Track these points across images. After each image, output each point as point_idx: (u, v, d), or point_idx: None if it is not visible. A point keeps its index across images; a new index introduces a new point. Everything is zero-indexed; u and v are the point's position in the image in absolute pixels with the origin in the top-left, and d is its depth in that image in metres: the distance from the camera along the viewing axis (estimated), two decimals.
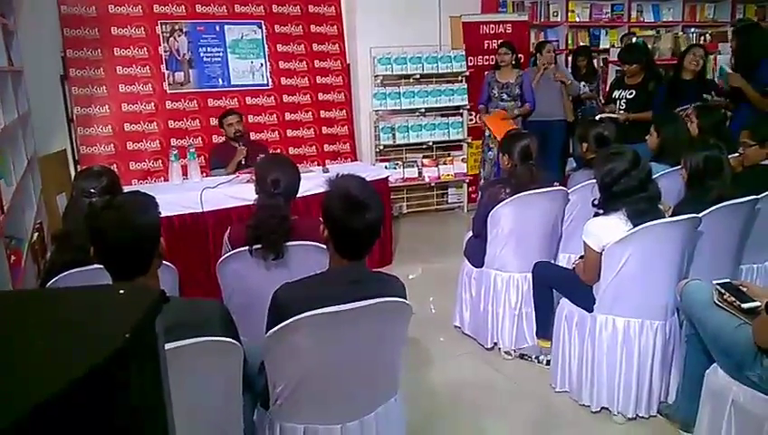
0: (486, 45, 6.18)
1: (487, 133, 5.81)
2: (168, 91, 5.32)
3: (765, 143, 3.33)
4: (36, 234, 3.68)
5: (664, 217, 2.67)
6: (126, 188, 2.76)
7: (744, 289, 2.35)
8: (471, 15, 6.14)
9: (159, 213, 1.77)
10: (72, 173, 5.10)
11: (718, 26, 7.47)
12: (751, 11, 7.87)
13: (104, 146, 5.10)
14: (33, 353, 0.57)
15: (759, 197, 2.93)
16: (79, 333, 0.58)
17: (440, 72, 5.95)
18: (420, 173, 6.08)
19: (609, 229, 2.65)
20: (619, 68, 5.46)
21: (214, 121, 5.30)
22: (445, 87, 5.98)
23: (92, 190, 2.34)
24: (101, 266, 1.69)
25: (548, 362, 3.18)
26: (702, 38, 6.51)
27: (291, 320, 1.70)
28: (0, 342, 0.58)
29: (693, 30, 7.34)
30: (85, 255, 1.85)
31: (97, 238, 1.66)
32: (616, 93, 5.02)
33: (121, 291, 0.69)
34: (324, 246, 2.34)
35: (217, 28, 5.47)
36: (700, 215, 2.67)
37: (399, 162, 6.03)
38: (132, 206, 1.68)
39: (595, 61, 6.75)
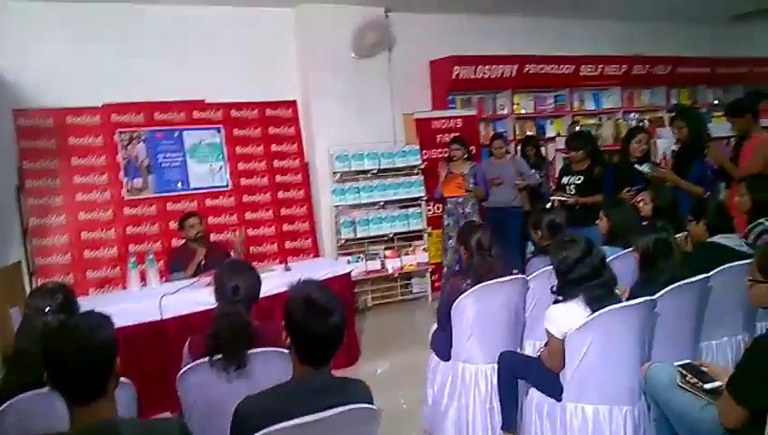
0: (439, 139, 6.43)
1: (446, 223, 5.94)
2: (126, 198, 5.33)
3: (701, 220, 3.48)
4: None
5: (621, 302, 2.73)
6: (82, 298, 2.71)
7: (705, 369, 2.40)
8: (422, 112, 6.42)
9: (114, 332, 1.73)
10: (27, 285, 4.97)
11: (655, 111, 7.95)
12: (683, 96, 8.42)
13: (60, 256, 5.02)
14: None
15: (709, 275, 3.03)
16: None
17: (397, 166, 6.13)
18: (383, 265, 6.12)
19: (570, 316, 2.68)
20: (566, 155, 5.72)
21: (173, 225, 5.29)
22: (402, 180, 6.14)
23: (47, 309, 2.28)
24: (48, 391, 1.63)
25: None
26: (642, 123, 6.89)
27: None
28: None
29: (632, 115, 7.79)
30: (40, 376, 1.78)
31: (51, 363, 1.61)
32: (565, 179, 5.23)
33: None
34: (287, 351, 2.32)
35: (176, 134, 5.58)
36: (655, 297, 2.73)
37: (362, 255, 6.06)
38: (88, 327, 1.64)
39: (543, 149, 7.04)
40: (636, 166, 4.69)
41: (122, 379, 1.81)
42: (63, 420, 1.64)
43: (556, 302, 2.77)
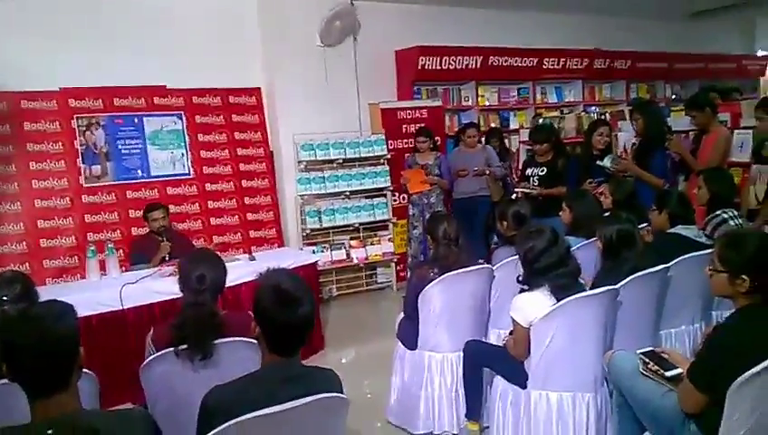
0: (405, 129, 6.42)
1: (411, 212, 5.96)
2: (85, 185, 5.18)
3: (663, 210, 3.57)
4: None
5: (585, 291, 2.78)
6: (40, 288, 2.62)
7: (666, 356, 2.46)
8: (388, 102, 6.39)
9: (77, 322, 1.68)
10: None
11: (615, 104, 8.10)
12: (642, 90, 8.62)
13: (15, 244, 4.87)
14: None
15: (670, 265, 3.10)
16: None
17: (362, 155, 6.10)
18: (348, 255, 6.10)
19: (535, 304, 2.72)
20: (529, 147, 5.78)
21: (133, 214, 5.19)
22: (368, 170, 6.12)
23: (5, 298, 2.20)
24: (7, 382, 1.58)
25: None
26: (603, 116, 6.99)
27: (223, 426, 1.62)
28: None
29: (594, 108, 7.93)
30: None
31: (11, 354, 1.55)
32: (528, 171, 5.29)
33: (50, 431, 0.65)
34: (255, 341, 2.30)
35: (136, 120, 5.45)
36: (618, 286, 2.79)
37: (327, 245, 6.04)
38: (49, 317, 1.58)
39: (507, 141, 7.12)
40: (598, 162, 4.76)
41: (85, 370, 1.76)
42: (22, 412, 1.59)
43: (522, 291, 2.81)
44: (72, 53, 5.14)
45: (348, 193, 6.05)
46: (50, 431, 0.63)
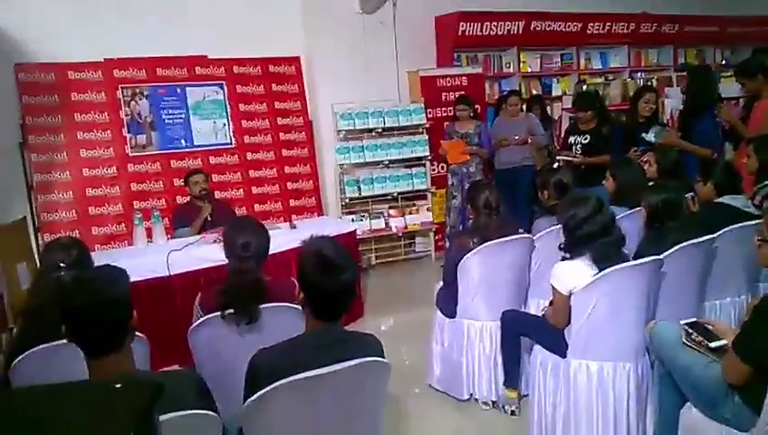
0: (444, 97, 6.35)
1: (450, 182, 5.93)
2: (130, 155, 5.31)
3: (708, 181, 3.48)
4: None
5: (629, 261, 2.74)
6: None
7: (711, 327, 2.42)
8: (427, 70, 6.32)
9: (130, 286, 1.75)
10: (33, 241, 4.99)
11: (662, 70, 7.85)
12: (691, 55, 8.32)
13: (65, 212, 5.03)
14: None
15: (716, 235, 3.04)
16: (84, 433, 0.58)
17: (401, 124, 6.07)
18: (387, 224, 6.13)
19: (576, 273, 2.70)
20: (572, 115, 5.67)
21: (177, 183, 5.29)
22: (406, 139, 6.10)
23: (62, 264, 2.29)
24: (67, 342, 1.66)
25: (513, 413, 3.21)
26: (649, 82, 6.82)
27: (270, 387, 1.68)
28: None
29: (640, 74, 7.71)
30: (54, 330, 1.81)
31: (69, 317, 1.63)
32: (571, 139, 5.19)
33: (117, 385, 0.69)
34: (299, 307, 2.35)
35: (179, 90, 5.52)
36: (662, 256, 2.75)
37: (366, 214, 6.07)
38: (104, 282, 1.65)
39: (548, 108, 6.99)
40: (643, 135, 4.64)
41: (137, 333, 1.83)
42: (79, 371, 1.67)
43: (563, 259, 2.79)
44: (115, 23, 5.23)
45: (387, 162, 6.04)
46: (118, 386, 0.68)
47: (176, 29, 5.42)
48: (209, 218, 4.61)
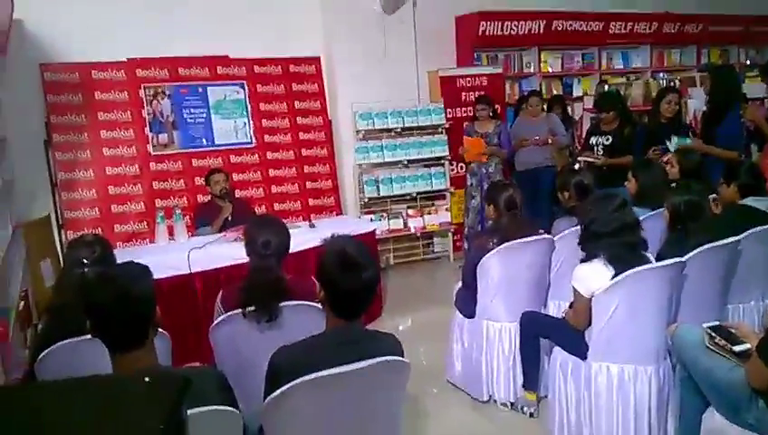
0: (464, 97, 6.33)
1: (469, 182, 5.91)
2: (152, 153, 5.36)
3: (732, 183, 3.42)
4: (22, 302, 3.63)
5: (650, 262, 2.72)
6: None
7: (734, 331, 2.39)
8: (447, 70, 6.31)
9: (153, 282, 1.77)
10: (57, 238, 5.07)
11: (685, 70, 7.75)
12: (715, 55, 8.21)
13: (88, 210, 5.10)
14: None
15: (740, 238, 2.99)
16: (116, 425, 0.59)
17: (420, 124, 6.07)
18: (406, 224, 6.13)
19: (598, 275, 2.68)
20: (593, 115, 5.62)
21: (198, 181, 5.34)
22: (426, 139, 6.09)
23: (85, 261, 2.33)
24: (91, 338, 1.68)
25: (531, 415, 3.20)
26: (671, 83, 6.74)
27: (290, 384, 1.69)
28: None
29: (662, 75, 7.62)
30: (78, 326, 1.84)
31: (94, 313, 1.65)
32: (593, 140, 5.16)
33: (147, 379, 0.70)
34: (318, 305, 2.36)
35: (200, 90, 5.57)
36: (684, 258, 2.72)
37: (384, 214, 6.08)
38: (127, 278, 1.68)
39: (569, 108, 6.94)
40: (666, 141, 4.57)
41: (159, 329, 1.85)
42: (103, 366, 1.69)
43: (582, 260, 2.77)
44: (138, 23, 5.29)
45: (406, 162, 6.04)
46: (147, 379, 0.69)
47: (197, 29, 5.48)
48: (230, 218, 4.65)
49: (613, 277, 2.62)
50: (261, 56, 5.81)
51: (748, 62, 8.18)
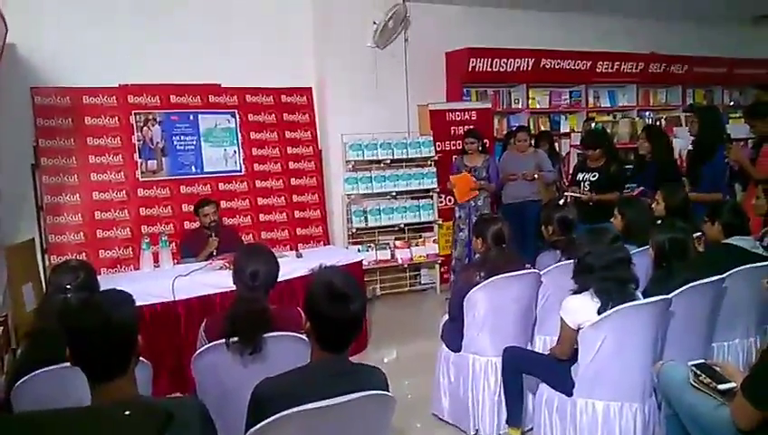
0: (453, 131, 6.41)
1: (457, 214, 5.93)
2: (141, 179, 5.35)
3: (716, 221, 3.46)
4: (1, 327, 3.56)
5: (637, 298, 2.73)
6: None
7: (719, 369, 2.40)
8: (437, 104, 6.39)
9: (136, 311, 1.75)
10: (41, 262, 5.01)
11: (671, 110, 7.90)
12: (699, 95, 8.37)
13: (73, 234, 5.05)
14: None
15: (724, 276, 3.02)
16: None
17: (410, 156, 6.11)
18: (393, 255, 6.12)
19: (586, 309, 2.69)
20: (580, 152, 5.69)
21: (186, 208, 5.32)
22: (415, 171, 6.13)
23: (68, 286, 2.30)
24: (71, 366, 1.65)
25: None
26: (657, 122, 6.86)
27: (274, 417, 1.66)
28: None
29: (648, 114, 7.75)
30: (58, 353, 1.80)
31: (74, 340, 1.62)
32: (580, 176, 5.22)
33: (127, 412, 0.68)
34: (303, 337, 2.34)
35: (191, 118, 5.59)
36: (670, 296, 2.73)
37: (372, 244, 6.07)
38: (110, 305, 1.65)
39: (556, 144, 7.02)
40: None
41: (140, 358, 1.82)
42: (81, 396, 1.66)
43: (574, 292, 2.78)
44: (131, 50, 5.32)
45: (394, 193, 6.07)
46: (127, 413, 0.67)
47: (190, 57, 5.52)
48: (214, 254, 4.59)
49: (598, 310, 2.63)
50: (253, 85, 5.85)
51: (732, 103, 8.36)
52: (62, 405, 1.82)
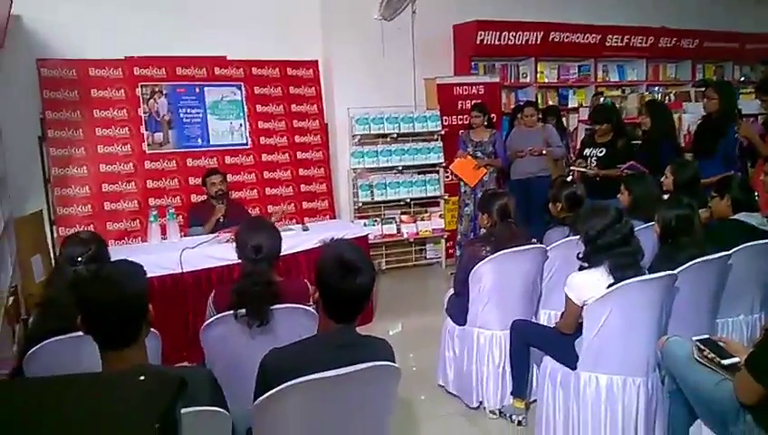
0: (460, 106, 6.36)
1: (463, 190, 5.92)
2: (147, 152, 5.35)
3: (725, 196, 3.45)
4: (11, 298, 3.61)
5: (645, 273, 2.73)
6: None
7: (723, 344, 2.41)
8: (444, 78, 6.33)
9: (147, 281, 1.77)
10: (48, 234, 5.05)
11: (681, 85, 7.82)
12: (709, 71, 8.28)
13: (81, 206, 5.07)
14: None
15: (730, 252, 3.02)
16: (109, 423, 0.58)
17: (416, 131, 6.08)
18: (399, 229, 6.13)
19: (590, 284, 2.70)
20: (588, 127, 5.65)
21: (192, 181, 5.33)
22: (421, 145, 6.10)
23: (79, 258, 2.32)
24: (82, 335, 1.67)
25: (519, 423, 3.20)
26: (666, 97, 6.78)
27: (281, 387, 1.69)
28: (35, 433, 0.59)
29: (657, 89, 7.67)
30: (69, 323, 1.83)
31: (86, 309, 1.65)
32: (587, 151, 5.18)
33: (141, 377, 0.70)
34: (310, 309, 2.36)
35: (197, 90, 5.56)
36: (676, 272, 2.73)
37: (378, 219, 6.08)
38: (122, 276, 1.67)
39: (564, 119, 6.97)
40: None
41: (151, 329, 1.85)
42: (93, 364, 1.69)
43: (581, 268, 2.78)
44: (137, 22, 5.28)
45: (400, 168, 6.05)
46: (141, 377, 0.68)
47: (196, 29, 5.48)
48: (222, 220, 4.65)
49: (610, 286, 2.64)
50: (259, 58, 5.81)
51: (742, 79, 8.26)
52: (72, 372, 1.87)
